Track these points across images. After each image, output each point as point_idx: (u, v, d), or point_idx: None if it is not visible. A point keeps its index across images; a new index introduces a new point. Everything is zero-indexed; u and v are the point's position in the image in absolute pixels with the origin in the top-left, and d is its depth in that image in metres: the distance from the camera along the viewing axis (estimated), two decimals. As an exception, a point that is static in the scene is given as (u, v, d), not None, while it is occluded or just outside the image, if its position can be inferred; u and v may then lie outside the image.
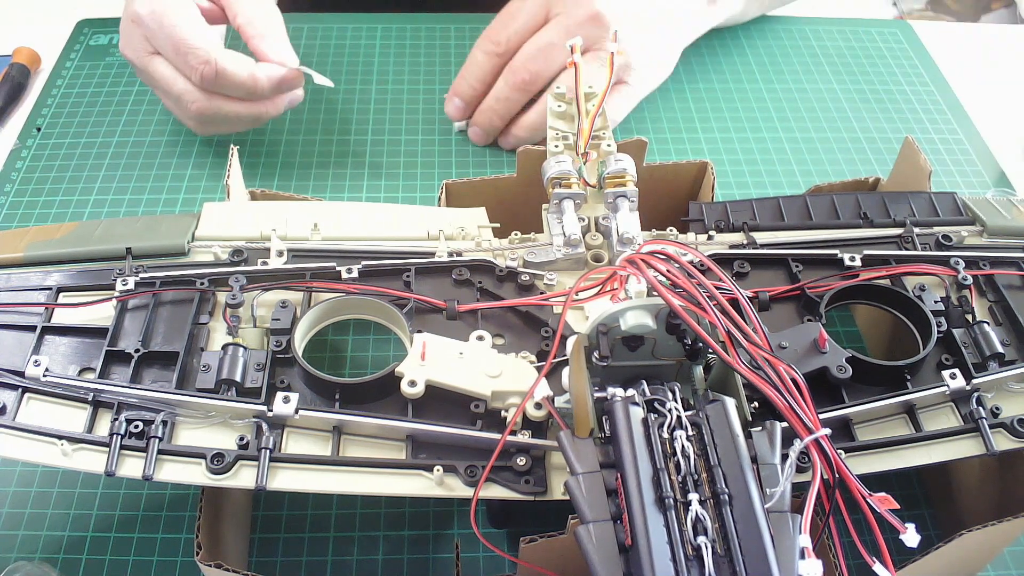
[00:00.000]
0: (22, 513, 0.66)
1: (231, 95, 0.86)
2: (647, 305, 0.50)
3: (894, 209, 0.70)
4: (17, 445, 0.52)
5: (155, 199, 0.90)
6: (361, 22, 1.12)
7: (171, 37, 0.83)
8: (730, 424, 0.46)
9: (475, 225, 0.68)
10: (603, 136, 0.72)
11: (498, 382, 0.55)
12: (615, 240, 0.64)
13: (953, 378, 0.57)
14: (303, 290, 0.61)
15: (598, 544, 0.42)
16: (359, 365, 0.76)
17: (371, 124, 1.00)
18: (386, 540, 0.66)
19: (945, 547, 0.53)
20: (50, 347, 0.57)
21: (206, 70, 0.82)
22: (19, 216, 0.88)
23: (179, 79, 0.85)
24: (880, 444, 0.55)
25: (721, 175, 0.93)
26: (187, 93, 0.85)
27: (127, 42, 0.88)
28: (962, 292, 0.63)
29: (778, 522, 0.42)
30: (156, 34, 0.84)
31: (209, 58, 0.82)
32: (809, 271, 0.64)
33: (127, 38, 0.88)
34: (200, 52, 0.82)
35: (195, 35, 0.83)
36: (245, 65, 0.83)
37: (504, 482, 0.53)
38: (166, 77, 0.86)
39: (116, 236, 0.63)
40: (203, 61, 0.82)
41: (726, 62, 1.11)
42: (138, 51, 0.87)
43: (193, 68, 0.83)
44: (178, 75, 0.85)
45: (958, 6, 1.34)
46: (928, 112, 1.05)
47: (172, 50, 0.84)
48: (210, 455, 0.52)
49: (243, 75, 0.83)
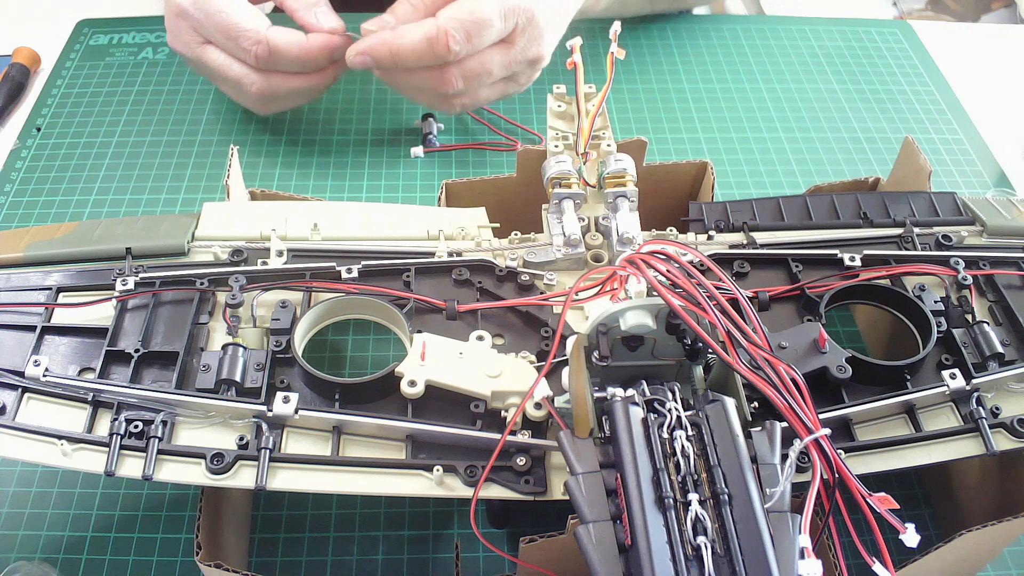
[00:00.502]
0: (22, 513, 0.66)
1: (287, 71, 0.86)
2: (647, 305, 0.50)
3: (894, 209, 0.70)
4: (17, 445, 0.52)
5: (155, 199, 0.90)
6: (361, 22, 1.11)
7: (219, 23, 0.83)
8: (730, 424, 0.46)
9: (475, 225, 0.68)
10: (603, 136, 0.72)
11: (498, 382, 0.55)
12: (615, 240, 0.64)
13: (953, 378, 0.57)
14: (303, 290, 0.61)
15: (598, 544, 0.42)
16: (359, 365, 0.76)
17: (371, 124, 1.00)
18: (386, 540, 0.66)
19: (945, 547, 0.53)
20: (50, 347, 0.57)
21: (259, 50, 0.82)
22: (19, 216, 0.88)
23: (234, 64, 0.85)
24: (880, 444, 0.55)
25: (721, 175, 0.93)
26: (244, 76, 0.86)
27: (175, 36, 0.88)
28: (962, 292, 0.63)
29: (778, 522, 0.42)
30: (203, 23, 0.84)
31: (260, 37, 0.82)
32: (809, 271, 0.64)
33: (175, 33, 0.88)
34: (251, 33, 0.82)
35: (243, 17, 0.83)
36: (296, 39, 0.84)
37: (504, 482, 0.53)
38: (221, 64, 0.86)
39: (116, 236, 0.63)
40: (255, 41, 0.82)
41: (726, 62, 1.11)
42: (188, 43, 0.87)
43: (246, 50, 0.83)
44: (232, 60, 0.85)
45: (958, 6, 1.34)
46: (928, 112, 1.05)
47: (222, 36, 0.84)
48: (210, 455, 0.52)
49: (296, 49, 0.83)
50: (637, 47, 1.11)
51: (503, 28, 0.81)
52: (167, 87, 1.03)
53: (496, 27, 0.80)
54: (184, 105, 1.01)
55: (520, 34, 0.83)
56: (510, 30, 0.82)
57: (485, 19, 0.79)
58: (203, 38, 0.86)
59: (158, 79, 1.04)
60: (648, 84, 1.07)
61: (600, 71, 0.88)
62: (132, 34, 1.10)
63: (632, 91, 1.05)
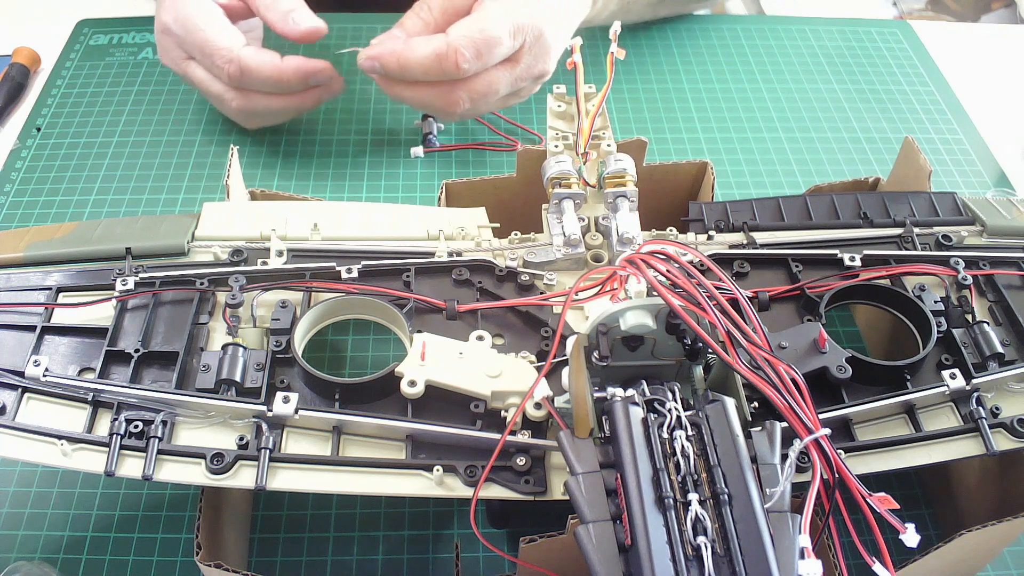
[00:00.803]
0: (22, 513, 0.66)
1: (261, 90, 0.86)
2: (647, 305, 0.50)
3: (894, 209, 0.70)
4: (17, 445, 0.52)
5: (155, 199, 0.90)
6: (361, 22, 1.11)
7: (196, 40, 0.84)
8: (730, 424, 0.46)
9: (475, 225, 0.68)
10: (603, 136, 0.72)
11: (498, 382, 0.55)
12: (615, 240, 0.64)
13: (953, 378, 0.57)
14: (303, 290, 0.61)
15: (598, 544, 0.42)
16: (359, 365, 0.76)
17: (371, 124, 1.00)
18: (386, 540, 0.66)
19: (945, 547, 0.53)
20: (50, 347, 0.57)
21: (231, 68, 0.83)
22: (19, 216, 0.88)
23: (215, 81, 0.86)
24: (880, 444, 0.55)
25: (721, 175, 0.93)
26: (224, 92, 0.87)
27: (163, 52, 0.90)
28: (962, 292, 0.63)
29: (778, 522, 0.42)
30: (184, 40, 0.85)
31: (232, 56, 0.83)
32: (809, 271, 0.64)
33: (162, 48, 0.89)
34: (223, 52, 0.83)
35: (218, 35, 0.84)
36: (269, 59, 0.84)
37: (504, 482, 0.53)
38: (203, 80, 0.87)
39: (116, 236, 0.63)
40: (227, 60, 0.83)
41: (726, 62, 1.11)
42: (174, 59, 0.88)
43: (220, 68, 0.84)
44: (212, 77, 0.86)
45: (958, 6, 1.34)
46: (928, 112, 1.05)
47: (200, 53, 0.85)
48: (210, 455, 0.52)
49: (268, 69, 0.84)
50: (637, 47, 1.11)
51: (512, 46, 0.81)
52: (167, 87, 1.03)
53: (506, 45, 0.80)
54: (184, 105, 1.01)
55: (527, 51, 0.82)
56: (518, 47, 0.82)
57: (495, 37, 0.78)
58: (187, 55, 0.87)
59: (158, 79, 1.04)
60: (648, 84, 1.07)
61: (600, 73, 0.88)
62: (132, 34, 1.10)
63: (632, 91, 1.05)
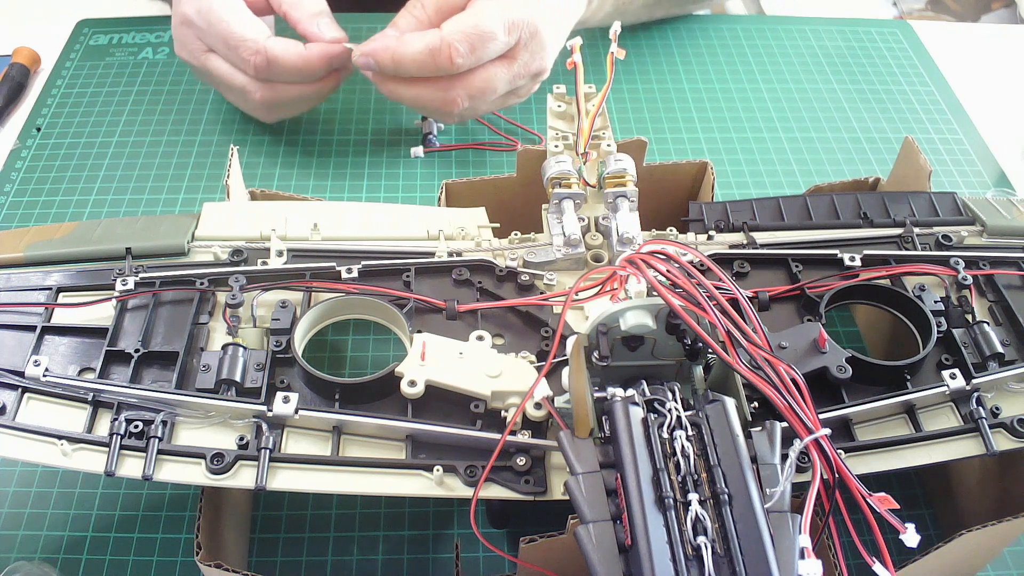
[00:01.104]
0: (22, 513, 0.66)
1: (287, 80, 0.86)
2: (647, 305, 0.50)
3: (894, 209, 0.70)
4: (17, 445, 0.52)
5: (155, 199, 0.90)
6: (361, 22, 1.11)
7: (220, 33, 0.84)
8: (730, 424, 0.46)
9: (475, 225, 0.68)
10: (603, 136, 0.72)
11: (498, 382, 0.55)
12: (615, 240, 0.64)
13: (953, 378, 0.57)
14: (303, 290, 0.61)
15: (598, 544, 0.42)
16: (359, 365, 0.76)
17: (371, 124, 1.00)
18: (386, 540, 0.66)
19: (945, 547, 0.53)
20: (50, 347, 0.57)
21: (258, 60, 0.83)
22: (19, 216, 0.88)
23: (237, 73, 0.86)
24: (880, 444, 0.55)
25: (721, 175, 0.93)
26: (247, 84, 0.86)
27: (181, 45, 0.89)
28: (962, 292, 0.63)
29: (778, 522, 0.42)
30: (207, 32, 0.85)
31: (259, 47, 0.83)
32: (809, 271, 0.64)
33: (181, 41, 0.89)
34: (250, 43, 0.83)
35: (243, 27, 0.83)
36: (295, 49, 0.84)
37: (504, 482, 0.53)
38: (225, 73, 0.87)
39: (116, 236, 0.63)
40: (253, 52, 0.83)
41: (726, 62, 1.11)
42: (193, 52, 0.88)
43: (245, 60, 0.83)
44: (235, 69, 0.86)
45: (958, 6, 1.34)
46: (928, 112, 1.05)
47: (223, 45, 0.84)
48: (210, 455, 0.52)
49: (294, 58, 0.84)
50: (637, 47, 1.11)
51: (507, 41, 0.81)
52: (167, 87, 1.03)
53: (500, 40, 0.79)
54: (184, 105, 1.01)
55: (523, 48, 0.82)
56: (513, 43, 0.82)
57: (489, 32, 0.78)
58: (207, 47, 0.87)
59: (158, 79, 1.04)
60: (648, 84, 1.07)
61: (600, 73, 0.88)
62: (132, 34, 1.10)
63: (632, 91, 1.05)
